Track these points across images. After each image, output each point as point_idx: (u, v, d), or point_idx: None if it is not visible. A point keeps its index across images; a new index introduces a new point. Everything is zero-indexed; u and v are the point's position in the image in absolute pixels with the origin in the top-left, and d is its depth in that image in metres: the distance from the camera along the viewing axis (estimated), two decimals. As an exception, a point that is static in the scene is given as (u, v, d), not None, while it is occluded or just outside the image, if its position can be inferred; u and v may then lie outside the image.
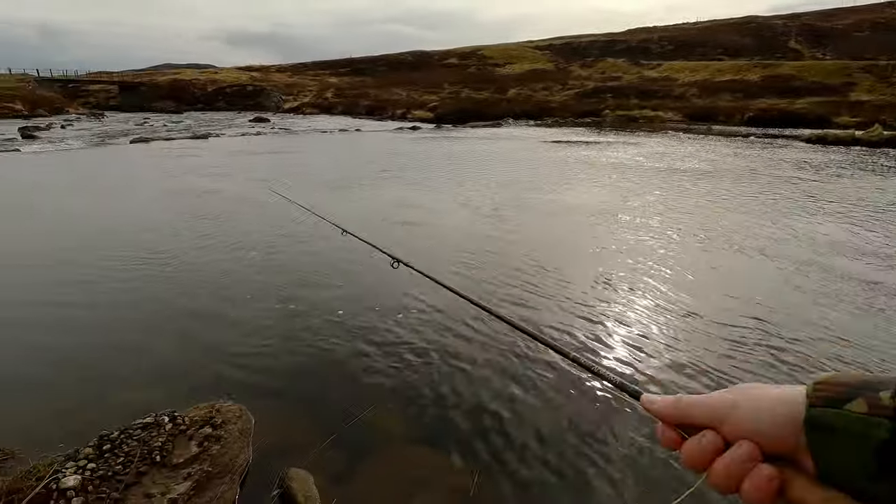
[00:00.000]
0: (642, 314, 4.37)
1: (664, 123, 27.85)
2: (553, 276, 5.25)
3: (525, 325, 0.75)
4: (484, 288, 4.91)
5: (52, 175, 12.12)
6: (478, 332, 4.03)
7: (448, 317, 4.31)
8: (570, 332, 4.05)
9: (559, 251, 6.09)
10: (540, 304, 4.57)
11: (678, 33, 66.10)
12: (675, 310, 4.43)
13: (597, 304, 4.54)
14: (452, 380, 3.40)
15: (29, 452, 2.64)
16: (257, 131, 24.06)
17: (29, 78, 44.67)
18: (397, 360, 3.64)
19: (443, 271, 5.35)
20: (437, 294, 4.79)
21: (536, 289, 4.90)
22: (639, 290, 4.87)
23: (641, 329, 4.08)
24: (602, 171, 11.93)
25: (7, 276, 5.29)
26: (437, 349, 3.79)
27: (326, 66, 68.93)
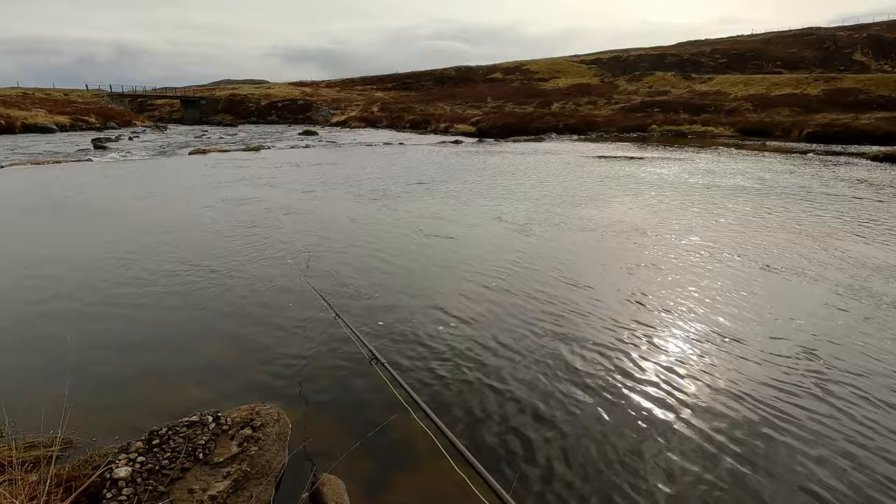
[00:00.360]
0: (678, 337, 4.22)
1: (715, 139, 26.88)
2: (581, 294, 5.14)
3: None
4: (509, 302, 4.89)
5: (116, 182, 13.03)
6: (516, 353, 4.02)
7: (482, 331, 4.32)
8: (601, 352, 3.96)
9: (587, 268, 5.97)
10: (566, 323, 4.50)
11: (732, 46, 63.91)
12: (713, 333, 4.26)
13: (628, 325, 4.42)
14: (486, 396, 3.40)
15: (88, 442, 2.85)
16: (306, 144, 24.99)
17: (103, 93, 48.38)
18: (432, 374, 3.67)
19: (454, 304, 5.37)
20: (478, 305, 4.81)
21: (563, 306, 4.83)
22: (674, 312, 4.71)
23: (677, 353, 3.94)
24: (641, 186, 11.64)
25: (74, 275, 5.71)
26: (472, 362, 3.80)
27: (373, 81, 70.94)
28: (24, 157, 17.75)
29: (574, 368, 3.72)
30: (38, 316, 4.60)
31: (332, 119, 44.59)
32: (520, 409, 3.24)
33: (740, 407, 3.23)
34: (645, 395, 3.39)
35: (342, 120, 43.23)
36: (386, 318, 4.55)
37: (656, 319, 4.55)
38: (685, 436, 2.98)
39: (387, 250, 6.67)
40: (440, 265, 6.10)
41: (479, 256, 6.41)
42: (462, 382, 3.54)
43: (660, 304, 4.89)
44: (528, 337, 4.21)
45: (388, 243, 7.02)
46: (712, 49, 63.16)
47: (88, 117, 34.64)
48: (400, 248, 6.82)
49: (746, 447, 2.88)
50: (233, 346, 4.05)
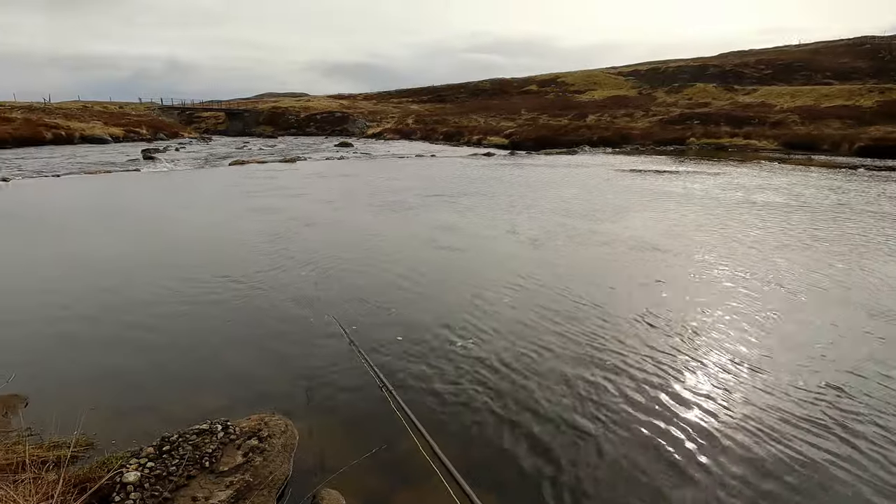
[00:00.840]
0: (693, 366, 4.05)
1: (757, 153, 25.90)
2: (593, 314, 5.03)
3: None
4: (518, 322, 4.83)
5: (159, 193, 13.72)
6: (523, 377, 3.97)
7: (489, 353, 4.29)
8: (610, 378, 3.86)
9: (599, 287, 5.82)
10: (576, 346, 4.41)
11: (777, 56, 61.71)
12: (730, 362, 4.07)
13: (642, 351, 4.29)
14: (500, 419, 3.37)
15: (106, 444, 2.98)
16: (340, 156, 25.61)
17: (154, 106, 51.15)
18: (438, 397, 3.67)
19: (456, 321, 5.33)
20: (495, 327, 4.79)
21: (573, 328, 4.73)
22: (690, 338, 4.54)
23: (693, 383, 3.78)
24: (668, 202, 11.31)
25: (103, 280, 6.02)
26: (488, 384, 3.78)
27: (409, 93, 72.17)
28: (79, 166, 18.93)
29: (582, 396, 3.63)
30: (65, 319, 4.88)
31: (368, 131, 45.55)
32: (525, 438, 3.18)
33: (757, 446, 3.07)
34: (658, 429, 3.27)
35: (377, 132, 44.09)
36: (395, 336, 4.59)
37: (671, 343, 4.40)
38: (699, 473, 2.86)
39: (403, 263, 6.73)
40: (452, 282, 6.10)
41: (493, 273, 6.37)
42: (467, 407, 3.52)
43: (677, 325, 4.72)
44: (535, 360, 4.14)
45: (405, 256, 7.09)
46: (756, 60, 61.14)
47: (140, 129, 36.65)
48: (416, 262, 6.87)
49: (762, 491, 2.73)
50: (250, 357, 4.17)
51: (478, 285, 5.83)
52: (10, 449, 2.68)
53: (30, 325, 4.74)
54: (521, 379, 3.81)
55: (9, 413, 3.30)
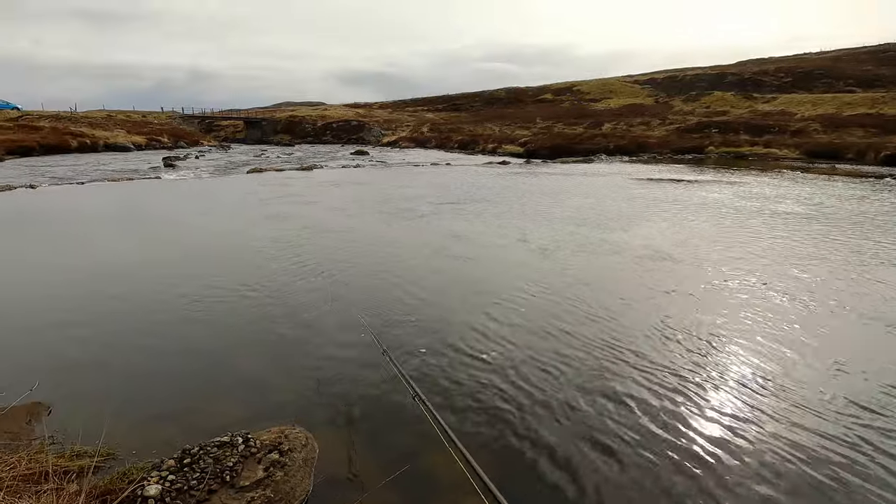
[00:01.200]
0: (715, 382, 3.92)
1: (778, 161, 25.43)
2: (609, 325, 4.92)
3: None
4: (529, 329, 4.74)
5: (178, 200, 13.93)
6: (555, 387, 3.88)
7: (519, 372, 4.20)
8: (623, 401, 3.74)
9: (608, 298, 5.69)
10: (595, 358, 4.30)
11: (798, 64, 60.77)
12: (750, 378, 3.92)
13: (662, 364, 4.17)
14: (525, 436, 3.28)
15: (127, 454, 2.97)
16: (356, 164, 25.78)
17: (175, 115, 52.22)
18: (471, 407, 3.60)
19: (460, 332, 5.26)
20: (524, 345, 4.71)
21: (590, 338, 4.62)
22: (707, 354, 4.40)
23: (715, 401, 3.65)
24: (686, 211, 11.11)
25: (124, 288, 6.07)
26: (518, 401, 3.70)
27: (424, 102, 72.60)
28: (103, 173, 19.35)
29: (603, 410, 3.53)
30: (86, 325, 4.92)
31: (384, 139, 45.87)
32: (548, 453, 3.09)
33: (783, 464, 2.94)
34: (680, 447, 3.16)
35: (393, 140, 44.37)
36: (417, 346, 4.53)
37: (687, 360, 4.27)
38: (724, 492, 2.74)
39: (416, 272, 6.69)
40: (471, 291, 6.03)
41: (508, 283, 6.28)
42: (493, 419, 3.44)
43: (690, 339, 4.59)
44: (555, 373, 4.05)
45: (419, 265, 7.06)
46: (776, 67, 60.28)
47: (162, 137, 37.42)
48: (430, 271, 6.83)
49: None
50: (271, 367, 4.14)
51: (494, 294, 5.76)
52: (34, 458, 2.68)
53: (52, 332, 4.79)
54: (541, 393, 3.72)
55: (32, 421, 3.31)
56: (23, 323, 5.04)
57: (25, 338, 4.68)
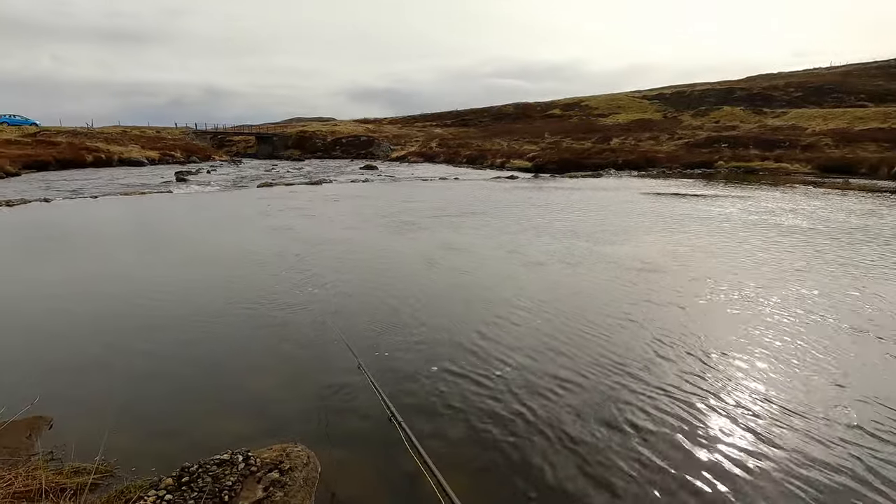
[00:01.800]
0: (721, 404, 3.79)
1: (790, 176, 25.19)
2: (596, 345, 4.80)
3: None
4: (523, 347, 4.64)
5: (187, 214, 14.05)
6: (548, 412, 3.78)
7: (513, 392, 4.11)
8: (629, 419, 3.62)
9: (604, 314, 5.58)
10: (589, 379, 4.19)
11: (808, 79, 60.66)
12: (750, 401, 3.78)
13: (653, 391, 4.04)
14: (531, 461, 3.18)
15: (126, 472, 2.91)
16: (365, 178, 25.95)
17: (188, 130, 53.15)
18: (481, 431, 3.50)
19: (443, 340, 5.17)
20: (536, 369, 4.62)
21: (585, 356, 4.51)
22: (714, 374, 4.26)
23: (721, 428, 3.51)
24: (694, 224, 10.97)
25: (122, 303, 6.08)
26: (523, 420, 3.60)
27: (433, 118, 73.30)
28: (116, 187, 19.64)
29: (598, 436, 3.41)
30: (89, 338, 4.90)
31: (393, 154, 46.23)
32: (539, 482, 2.99)
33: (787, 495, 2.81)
34: (682, 478, 3.04)
35: (402, 155, 44.70)
36: (409, 366, 4.45)
37: (690, 380, 4.14)
38: (751, 519, 2.61)
39: (418, 286, 6.63)
40: (468, 307, 5.96)
41: (507, 299, 6.20)
42: (483, 446, 3.35)
43: (693, 358, 4.46)
44: (551, 396, 3.95)
45: (414, 280, 7.00)
46: (786, 83, 60.20)
47: (175, 152, 38.05)
48: (426, 287, 6.77)
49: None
50: (272, 383, 4.09)
51: (490, 310, 5.68)
52: (31, 474, 2.64)
53: (56, 344, 4.78)
54: (533, 415, 3.61)
55: (32, 435, 3.28)
56: (28, 335, 5.04)
57: (29, 350, 4.67)
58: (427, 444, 3.03)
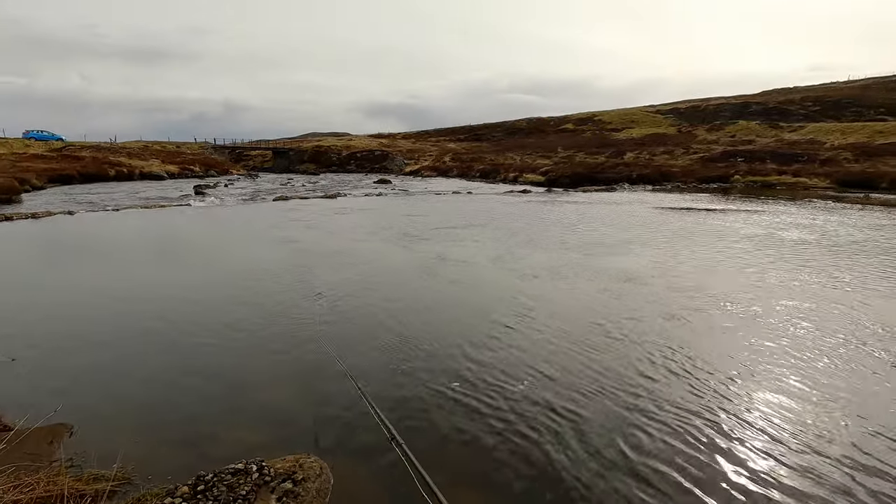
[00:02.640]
0: (736, 437, 3.72)
1: (808, 190, 24.82)
2: (591, 367, 4.75)
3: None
4: (523, 363, 4.61)
5: (205, 226, 14.32)
6: (532, 430, 3.75)
7: (552, 413, 4.09)
8: (637, 444, 3.57)
9: (607, 331, 5.52)
10: (589, 397, 4.14)
11: (825, 93, 60.02)
12: (755, 433, 3.71)
13: (672, 402, 3.98)
14: (544, 476, 3.16)
15: (143, 479, 2.96)
16: (379, 192, 26.21)
17: (207, 145, 54.35)
18: (499, 446, 3.50)
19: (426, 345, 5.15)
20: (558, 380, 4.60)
21: (585, 376, 4.46)
22: (725, 402, 4.19)
23: (737, 464, 3.45)
24: (708, 238, 10.84)
25: (143, 312, 6.19)
26: (546, 439, 3.58)
27: (447, 132, 73.95)
28: (137, 200, 20.12)
29: (605, 460, 3.37)
30: (109, 347, 5.00)
31: (406, 168, 46.66)
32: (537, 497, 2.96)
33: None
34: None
35: (415, 169, 45.09)
36: (407, 384, 4.46)
37: (702, 409, 4.07)
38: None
39: (427, 301, 6.65)
40: (470, 324, 5.95)
41: (501, 315, 6.19)
42: (486, 468, 3.33)
43: (703, 385, 4.39)
44: (556, 418, 3.92)
45: (418, 294, 7.03)
46: (802, 97, 59.63)
47: (193, 167, 38.87)
48: (428, 301, 6.78)
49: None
50: (287, 394, 4.13)
51: (493, 327, 5.67)
52: (52, 480, 2.70)
53: (78, 353, 4.89)
54: (539, 436, 3.58)
55: (54, 442, 3.35)
56: (54, 342, 5.16)
57: (53, 358, 4.78)
58: (428, 464, 3.03)
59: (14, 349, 4.86)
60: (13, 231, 12.50)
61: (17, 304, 6.57)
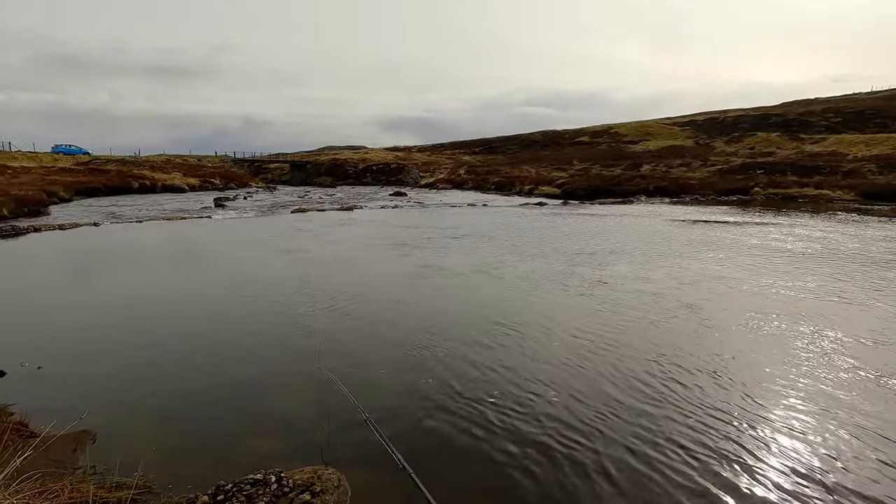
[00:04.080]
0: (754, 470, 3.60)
1: (831, 203, 24.30)
2: (609, 383, 4.66)
3: None
4: (527, 380, 4.54)
5: (228, 237, 14.57)
6: (539, 458, 3.69)
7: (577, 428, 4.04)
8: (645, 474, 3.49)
9: (594, 344, 5.43)
10: (597, 419, 4.06)
11: (848, 104, 59.00)
12: (808, 468, 3.59)
13: (688, 418, 3.88)
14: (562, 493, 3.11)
15: (164, 488, 2.99)
16: (395, 205, 26.41)
17: (227, 158, 55.49)
18: (521, 462, 3.46)
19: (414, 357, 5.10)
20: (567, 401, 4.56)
21: (593, 397, 4.38)
22: (745, 427, 4.07)
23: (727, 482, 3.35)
24: (724, 251, 10.64)
25: (164, 321, 6.30)
26: (565, 454, 3.53)
27: (462, 145, 74.37)
28: (159, 212, 20.60)
29: (618, 486, 3.30)
30: (135, 357, 5.09)
31: (422, 181, 46.96)
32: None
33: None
34: None
35: (431, 182, 45.35)
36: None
37: (722, 435, 3.97)
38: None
39: (437, 318, 6.64)
40: (481, 341, 5.92)
41: (530, 323, 6.13)
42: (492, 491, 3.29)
43: (728, 408, 4.28)
44: (539, 440, 3.85)
45: (423, 307, 7.01)
46: (823, 108, 58.69)
47: (214, 179, 39.69)
48: (433, 314, 6.76)
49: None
50: (306, 405, 4.14)
51: (505, 336, 5.62)
52: (76, 487, 2.74)
53: (102, 361, 4.98)
54: (548, 461, 3.53)
55: (78, 449, 3.41)
56: (78, 351, 5.27)
57: (78, 366, 4.88)
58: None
59: (41, 357, 4.97)
60: (41, 242, 12.88)
61: (45, 312, 6.75)
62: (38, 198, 20.79)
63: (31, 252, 11.54)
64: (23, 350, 5.17)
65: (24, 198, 19.71)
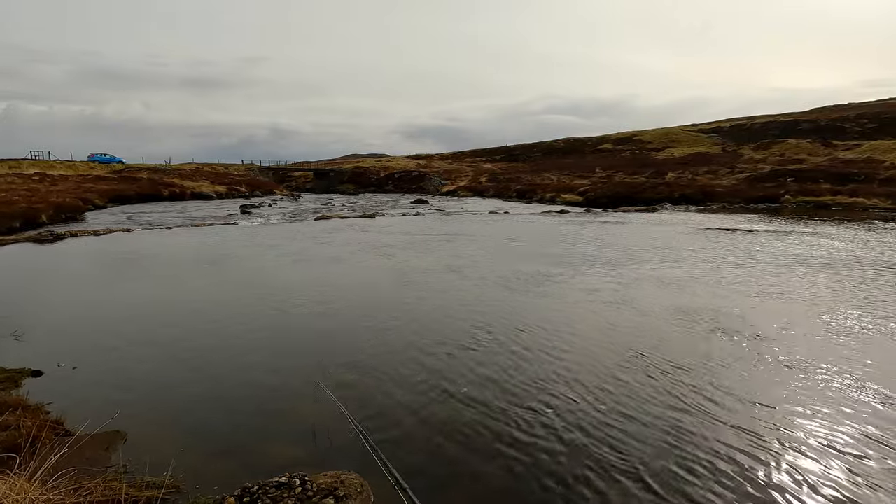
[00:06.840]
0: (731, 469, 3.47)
1: (867, 211, 23.44)
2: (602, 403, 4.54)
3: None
4: (529, 398, 4.46)
5: (255, 243, 14.86)
6: (534, 477, 3.63)
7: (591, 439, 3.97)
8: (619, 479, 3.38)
9: (583, 360, 5.29)
10: (603, 445, 3.96)
11: (883, 109, 57.00)
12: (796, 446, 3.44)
13: (703, 433, 3.76)
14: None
15: (191, 488, 3.05)
16: (416, 212, 26.56)
17: (254, 166, 56.77)
18: (538, 473, 3.42)
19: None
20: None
21: (601, 422, 4.27)
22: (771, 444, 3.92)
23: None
24: (753, 260, 10.34)
25: (195, 327, 6.43)
26: (581, 462, 3.48)
27: (483, 153, 74.42)
28: (188, 219, 21.17)
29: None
30: (164, 360, 5.22)
31: (443, 188, 47.12)
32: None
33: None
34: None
35: (452, 189, 45.46)
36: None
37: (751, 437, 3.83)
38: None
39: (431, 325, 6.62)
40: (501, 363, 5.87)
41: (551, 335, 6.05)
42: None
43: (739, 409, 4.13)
44: (545, 463, 3.78)
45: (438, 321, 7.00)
46: (857, 114, 56.81)
47: (240, 187, 40.65)
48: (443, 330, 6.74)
49: None
50: (330, 411, 4.18)
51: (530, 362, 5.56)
52: (108, 485, 2.81)
53: (134, 363, 5.13)
54: (535, 479, 3.46)
55: (109, 448, 3.50)
56: (111, 353, 5.43)
57: (111, 367, 5.03)
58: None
59: (77, 358, 5.15)
60: (77, 247, 13.37)
61: (82, 315, 6.99)
62: (74, 205, 21.62)
63: (69, 257, 11.99)
64: (60, 351, 5.36)
65: (62, 205, 20.54)
